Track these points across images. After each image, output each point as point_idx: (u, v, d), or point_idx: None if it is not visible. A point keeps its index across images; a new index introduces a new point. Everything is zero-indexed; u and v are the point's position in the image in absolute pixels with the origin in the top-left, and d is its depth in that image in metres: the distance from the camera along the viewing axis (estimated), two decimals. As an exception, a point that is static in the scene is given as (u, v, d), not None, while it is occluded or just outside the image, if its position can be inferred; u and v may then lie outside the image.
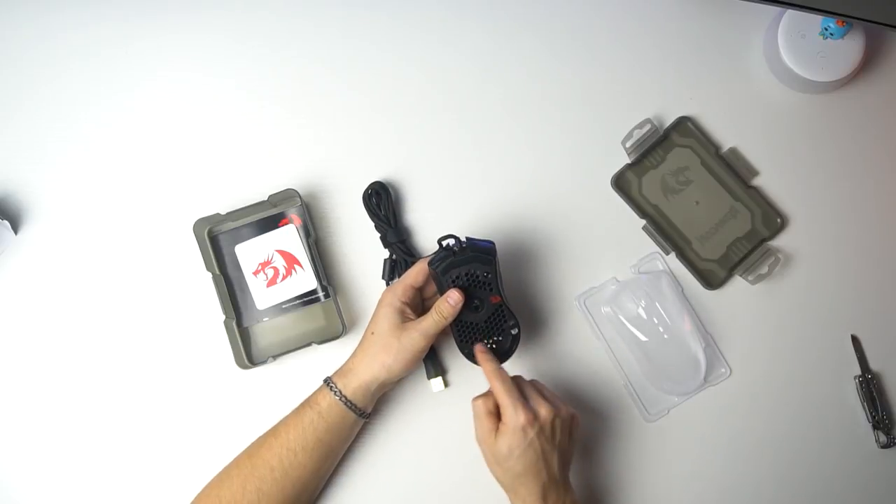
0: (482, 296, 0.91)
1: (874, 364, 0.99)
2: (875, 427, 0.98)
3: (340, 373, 0.90)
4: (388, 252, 0.98)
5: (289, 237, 0.97)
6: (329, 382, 0.90)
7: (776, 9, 0.98)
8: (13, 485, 0.95)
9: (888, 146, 1.03)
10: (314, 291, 0.97)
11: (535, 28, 1.03)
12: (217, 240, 0.98)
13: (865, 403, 0.98)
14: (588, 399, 0.97)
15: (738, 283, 1.00)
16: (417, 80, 1.02)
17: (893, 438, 0.97)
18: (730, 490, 0.97)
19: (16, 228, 0.98)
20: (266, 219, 0.98)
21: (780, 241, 1.01)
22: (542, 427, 0.85)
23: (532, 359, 0.98)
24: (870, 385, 0.98)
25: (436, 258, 0.90)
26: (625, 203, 1.00)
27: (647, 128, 0.99)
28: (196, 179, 1.00)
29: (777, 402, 0.98)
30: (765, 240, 1.00)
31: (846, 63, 0.99)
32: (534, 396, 0.87)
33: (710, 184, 1.01)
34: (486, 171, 1.01)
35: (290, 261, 0.97)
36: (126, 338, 0.97)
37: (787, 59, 0.99)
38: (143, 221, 0.99)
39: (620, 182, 1.01)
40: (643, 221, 1.00)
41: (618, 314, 0.98)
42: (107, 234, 0.99)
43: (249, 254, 0.97)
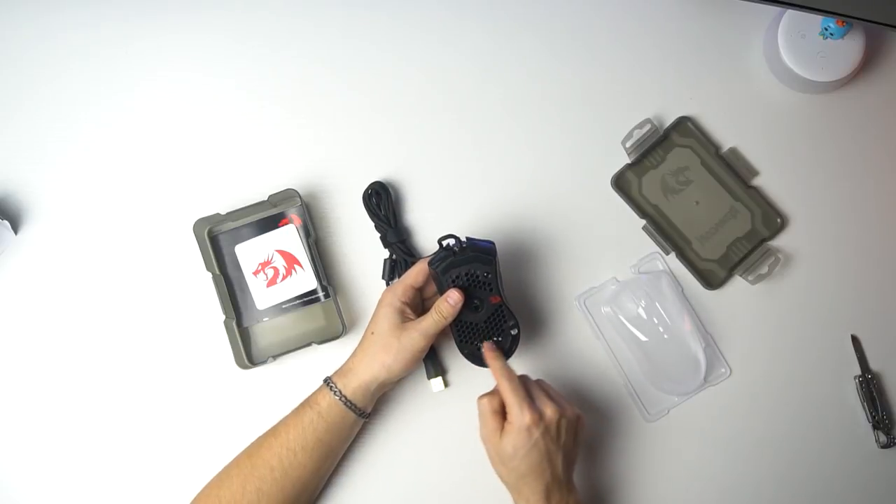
0: (482, 296, 0.91)
1: (874, 364, 0.99)
2: (875, 427, 0.98)
3: (340, 373, 0.90)
4: (388, 252, 0.98)
5: (289, 237, 0.97)
6: (329, 382, 0.90)
7: (776, 9, 0.98)
8: (13, 485, 0.95)
9: (888, 146, 1.03)
10: (314, 291, 0.97)
11: (535, 28, 1.03)
12: (217, 240, 0.98)
13: (865, 403, 0.98)
14: (588, 399, 0.97)
15: (738, 283, 1.00)
16: (417, 80, 1.02)
17: (893, 438, 0.97)
18: (730, 490, 0.97)
19: (16, 228, 0.98)
20: (266, 219, 0.98)
21: (780, 241, 1.01)
22: (548, 427, 0.85)
23: (532, 359, 0.98)
24: (870, 385, 0.98)
25: (436, 258, 0.90)
26: (625, 203, 1.00)
27: (647, 128, 0.99)
28: (196, 179, 1.00)
29: (777, 402, 0.98)
30: (765, 240, 1.00)
31: (846, 63, 0.99)
32: (540, 396, 0.87)
33: (710, 184, 1.01)
34: (486, 171, 1.01)
35: (290, 261, 0.97)
36: (126, 338, 0.97)
37: (787, 59, 0.99)
38: (143, 221, 0.99)
39: (620, 182, 1.01)
40: (643, 221, 1.00)
41: (618, 314, 0.98)
42: (107, 234, 0.99)
43: (249, 254, 0.97)
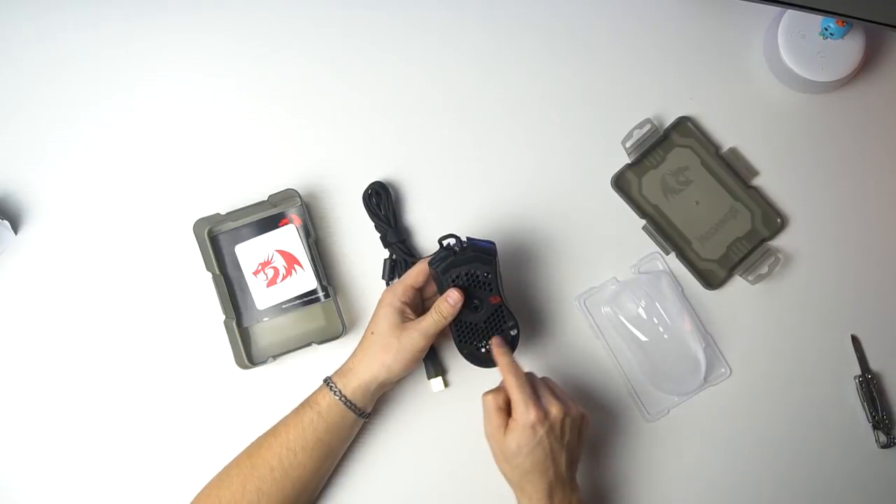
0: (482, 296, 0.90)
1: (874, 364, 0.99)
2: (875, 427, 0.98)
3: (340, 373, 0.90)
4: (388, 252, 0.98)
5: (289, 237, 0.97)
6: (329, 382, 0.90)
7: (776, 9, 0.98)
8: (13, 485, 0.95)
9: (888, 146, 1.03)
10: (314, 291, 0.97)
11: (535, 28, 1.03)
12: (217, 240, 0.98)
13: (865, 403, 0.98)
14: (588, 399, 0.97)
15: (738, 283, 1.00)
16: (417, 80, 1.02)
17: (893, 438, 0.97)
18: (730, 490, 0.97)
19: (16, 228, 0.98)
20: (266, 219, 0.98)
21: (780, 241, 1.01)
22: (552, 426, 0.85)
23: (532, 359, 0.98)
24: (870, 385, 0.98)
25: (436, 257, 0.90)
26: (625, 203, 1.00)
27: (647, 128, 0.99)
28: (196, 179, 1.00)
29: (777, 402, 0.98)
30: (765, 240, 1.00)
31: (846, 63, 0.99)
32: (545, 394, 0.87)
33: (710, 184, 1.01)
34: (486, 171, 1.01)
35: (290, 261, 0.97)
36: (126, 338, 0.97)
37: (787, 59, 0.99)
38: (143, 221, 0.99)
39: (620, 182, 1.01)
40: (643, 221, 1.00)
41: (618, 314, 0.98)
42: (107, 234, 0.99)
43: (249, 254, 0.97)
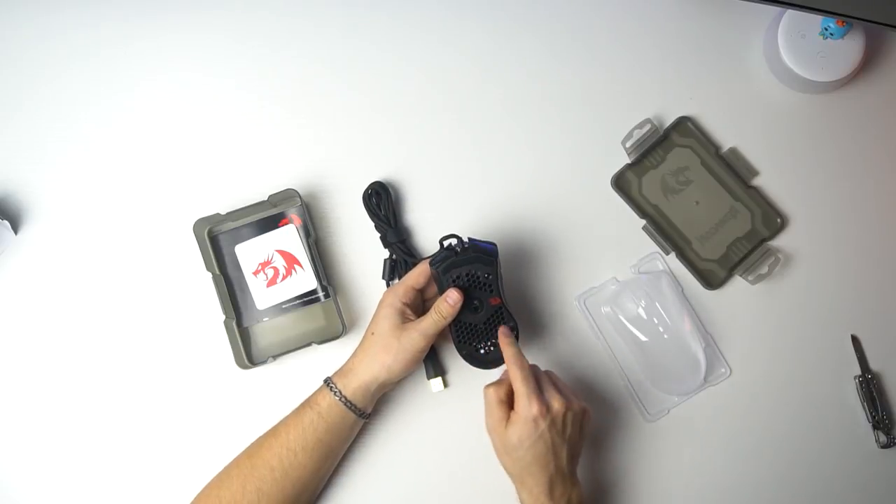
0: (482, 297, 0.90)
1: (874, 364, 0.99)
2: (875, 427, 0.98)
3: (340, 373, 0.90)
4: (388, 252, 0.98)
5: (289, 237, 0.97)
6: (329, 382, 0.90)
7: (776, 9, 0.98)
8: (13, 485, 0.95)
9: (888, 146, 1.03)
10: (314, 291, 0.97)
11: (535, 28, 1.03)
12: (217, 240, 0.98)
13: (865, 403, 0.98)
14: (588, 399, 0.97)
15: (738, 283, 1.00)
16: (417, 80, 1.02)
17: (893, 438, 0.97)
18: (730, 489, 0.97)
19: (16, 228, 0.98)
20: (266, 219, 0.98)
21: (780, 241, 1.01)
22: (554, 419, 0.85)
23: (532, 359, 0.97)
24: (870, 385, 0.98)
25: (437, 258, 0.90)
26: (625, 203, 1.00)
27: (647, 128, 0.99)
28: (196, 179, 1.00)
29: (777, 402, 0.98)
30: (765, 240, 1.00)
31: (846, 63, 0.99)
32: (548, 388, 0.87)
33: (710, 184, 1.01)
34: (486, 171, 1.01)
35: (290, 261, 0.97)
36: (126, 338, 0.97)
37: (787, 59, 0.99)
38: (143, 221, 0.99)
39: (620, 182, 1.01)
40: (643, 221, 1.00)
41: (618, 314, 0.98)
42: (107, 234, 0.99)
43: (249, 254, 0.97)
